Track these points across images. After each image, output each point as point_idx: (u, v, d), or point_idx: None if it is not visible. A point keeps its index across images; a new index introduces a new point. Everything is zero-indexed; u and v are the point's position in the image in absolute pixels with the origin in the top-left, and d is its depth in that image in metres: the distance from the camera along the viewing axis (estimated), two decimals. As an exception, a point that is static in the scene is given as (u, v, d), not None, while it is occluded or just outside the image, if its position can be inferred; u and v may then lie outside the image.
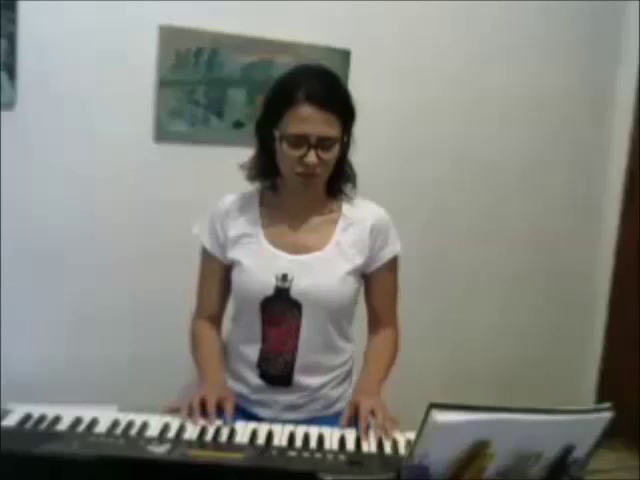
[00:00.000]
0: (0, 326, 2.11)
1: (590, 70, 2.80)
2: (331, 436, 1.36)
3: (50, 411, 1.37)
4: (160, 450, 1.24)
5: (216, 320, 1.69)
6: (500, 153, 2.71)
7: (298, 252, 1.57)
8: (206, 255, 1.65)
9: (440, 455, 1.04)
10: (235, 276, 1.60)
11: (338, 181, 1.61)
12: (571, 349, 3.00)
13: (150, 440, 1.29)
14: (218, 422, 1.39)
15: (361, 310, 1.69)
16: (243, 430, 1.36)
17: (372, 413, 1.41)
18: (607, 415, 1.08)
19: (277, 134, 1.50)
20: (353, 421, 1.43)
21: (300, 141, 1.47)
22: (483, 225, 2.75)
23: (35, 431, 1.31)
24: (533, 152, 2.77)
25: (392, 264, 1.65)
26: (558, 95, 2.75)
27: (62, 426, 1.33)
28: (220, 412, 1.43)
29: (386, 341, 1.68)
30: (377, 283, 1.65)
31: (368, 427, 1.39)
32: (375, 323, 1.69)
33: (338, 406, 1.67)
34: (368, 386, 1.57)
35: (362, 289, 1.67)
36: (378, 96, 2.38)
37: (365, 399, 1.47)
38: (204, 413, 1.40)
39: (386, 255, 1.63)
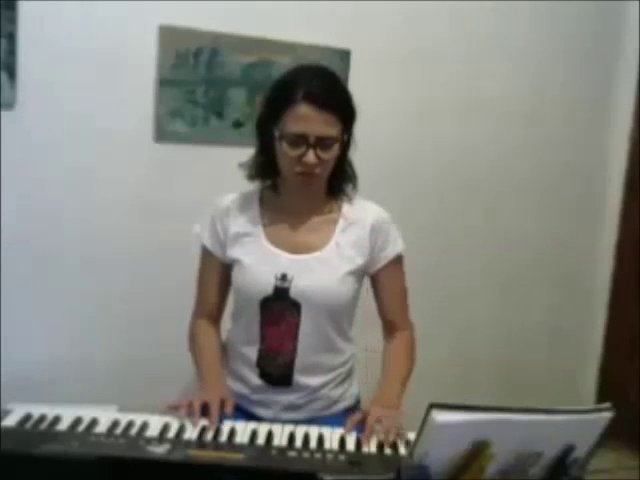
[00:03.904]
0: (0, 326, 2.11)
1: (590, 70, 2.80)
2: (331, 436, 1.36)
3: (50, 411, 1.37)
4: (160, 450, 1.24)
5: (215, 319, 1.69)
6: (500, 153, 2.71)
7: (298, 252, 1.58)
8: (206, 253, 1.65)
9: (440, 455, 1.04)
10: (235, 275, 1.61)
11: (338, 181, 1.61)
12: (571, 349, 3.00)
13: (150, 440, 1.29)
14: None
15: (361, 310, 1.69)
16: (243, 430, 1.36)
17: (378, 421, 1.39)
18: (607, 415, 1.08)
19: (277, 133, 1.50)
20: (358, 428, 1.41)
21: (299, 140, 1.47)
22: (483, 225, 2.75)
23: (35, 431, 1.31)
24: (533, 152, 2.77)
25: (396, 263, 1.64)
26: (558, 95, 2.76)
27: (62, 426, 1.33)
28: (220, 412, 1.43)
29: (402, 345, 1.66)
30: (383, 284, 1.64)
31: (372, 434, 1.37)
32: (389, 327, 1.68)
33: (338, 406, 1.67)
34: (385, 397, 1.54)
35: (363, 290, 1.67)
36: (378, 96, 2.38)
37: (376, 408, 1.45)
38: (205, 415, 1.39)
39: (388, 255, 1.62)
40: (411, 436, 1.32)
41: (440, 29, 2.52)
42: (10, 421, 1.33)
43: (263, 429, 1.36)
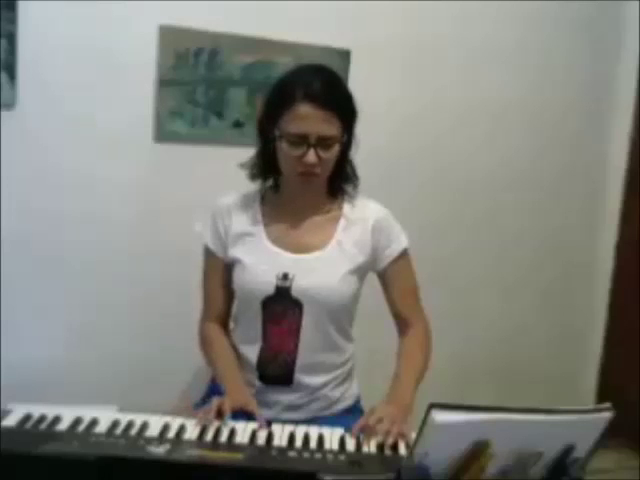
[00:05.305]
0: (0, 326, 2.11)
1: (590, 70, 2.80)
2: (331, 436, 1.36)
3: (50, 411, 1.37)
4: (160, 450, 1.24)
5: (224, 321, 1.69)
6: (500, 153, 2.71)
7: (299, 251, 1.58)
8: (209, 254, 1.65)
9: (440, 455, 1.04)
10: (236, 275, 1.61)
11: (339, 181, 1.61)
12: (571, 349, 3.00)
13: (150, 440, 1.29)
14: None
15: (361, 309, 1.69)
16: (243, 430, 1.36)
17: (380, 421, 1.38)
18: (607, 415, 1.09)
19: (277, 133, 1.50)
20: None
21: (300, 140, 1.47)
22: (483, 225, 2.75)
23: (35, 431, 1.31)
24: (533, 152, 2.77)
25: (402, 260, 1.64)
26: (558, 95, 2.75)
27: (62, 426, 1.33)
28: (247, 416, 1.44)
29: (416, 342, 1.64)
30: (391, 281, 1.64)
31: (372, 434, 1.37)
32: (402, 324, 1.66)
33: (338, 406, 1.67)
34: (397, 394, 1.52)
35: (364, 290, 1.67)
36: (378, 96, 2.38)
37: (382, 407, 1.45)
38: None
39: (392, 253, 1.62)
40: (411, 436, 1.32)
41: (440, 29, 2.52)
42: (10, 421, 1.34)
43: (263, 429, 1.36)
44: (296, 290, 1.55)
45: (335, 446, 1.32)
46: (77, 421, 1.35)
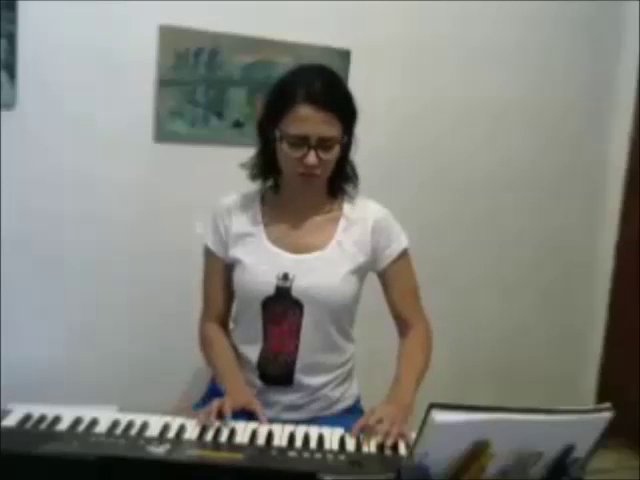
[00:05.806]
0: (0, 326, 2.11)
1: (590, 70, 2.80)
2: (331, 436, 1.36)
3: (50, 411, 1.38)
4: (160, 450, 1.24)
5: (224, 321, 1.69)
6: (500, 153, 2.71)
7: (299, 251, 1.58)
8: (209, 255, 1.65)
9: (440, 455, 1.04)
10: (236, 275, 1.61)
11: (339, 181, 1.61)
12: (571, 349, 3.00)
13: (150, 440, 1.29)
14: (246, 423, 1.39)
15: (362, 310, 1.69)
16: (243, 430, 1.36)
17: (380, 421, 1.38)
18: (607, 415, 1.09)
19: (277, 134, 1.50)
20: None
21: (300, 141, 1.47)
22: (483, 225, 2.75)
23: (35, 431, 1.31)
24: (533, 152, 2.77)
25: (402, 260, 1.64)
26: (558, 95, 2.76)
27: (62, 426, 1.33)
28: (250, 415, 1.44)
29: (416, 342, 1.64)
30: (391, 281, 1.64)
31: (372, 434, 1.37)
32: (403, 325, 1.66)
33: (338, 406, 1.67)
34: (397, 395, 1.52)
35: (365, 290, 1.67)
36: (378, 96, 2.38)
37: (382, 408, 1.45)
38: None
39: (392, 253, 1.62)
40: (411, 436, 1.32)
41: (440, 29, 2.52)
42: (10, 421, 1.34)
43: (263, 429, 1.37)
44: (296, 290, 1.55)
45: (335, 446, 1.32)
46: (77, 421, 1.35)
